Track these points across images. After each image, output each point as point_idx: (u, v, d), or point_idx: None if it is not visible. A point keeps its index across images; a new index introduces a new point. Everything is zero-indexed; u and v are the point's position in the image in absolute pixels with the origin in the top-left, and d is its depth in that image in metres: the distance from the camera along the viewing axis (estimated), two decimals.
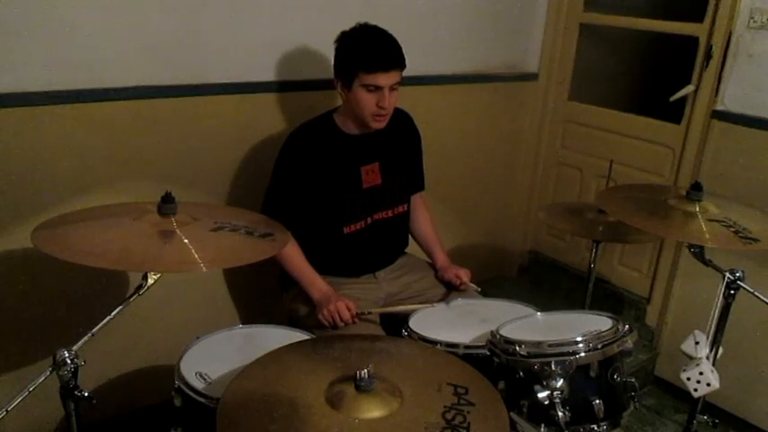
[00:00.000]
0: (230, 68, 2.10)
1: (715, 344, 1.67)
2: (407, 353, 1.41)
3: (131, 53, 1.91)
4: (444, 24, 2.64)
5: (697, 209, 1.73)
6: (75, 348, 1.22)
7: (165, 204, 1.39)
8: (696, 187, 1.75)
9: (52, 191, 1.86)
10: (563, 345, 1.41)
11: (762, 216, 1.79)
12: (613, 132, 2.91)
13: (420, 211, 2.22)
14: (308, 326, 1.89)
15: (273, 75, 2.21)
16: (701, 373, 1.58)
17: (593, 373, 1.44)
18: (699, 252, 1.68)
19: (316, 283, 1.90)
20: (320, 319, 1.84)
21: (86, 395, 1.24)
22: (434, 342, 1.63)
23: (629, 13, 2.92)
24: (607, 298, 2.92)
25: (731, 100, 2.46)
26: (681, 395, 2.60)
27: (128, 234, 1.36)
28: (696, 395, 1.61)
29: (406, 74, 1.86)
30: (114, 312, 1.29)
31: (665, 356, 2.78)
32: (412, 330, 1.71)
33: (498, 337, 1.50)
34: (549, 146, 3.19)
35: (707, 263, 1.68)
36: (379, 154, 2.01)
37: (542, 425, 1.42)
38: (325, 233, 1.98)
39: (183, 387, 1.45)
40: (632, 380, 1.50)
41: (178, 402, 1.46)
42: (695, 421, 1.87)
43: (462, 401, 1.17)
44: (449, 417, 1.12)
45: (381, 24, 1.91)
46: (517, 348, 1.43)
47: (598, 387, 1.45)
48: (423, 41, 2.59)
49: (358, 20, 1.97)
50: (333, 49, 1.89)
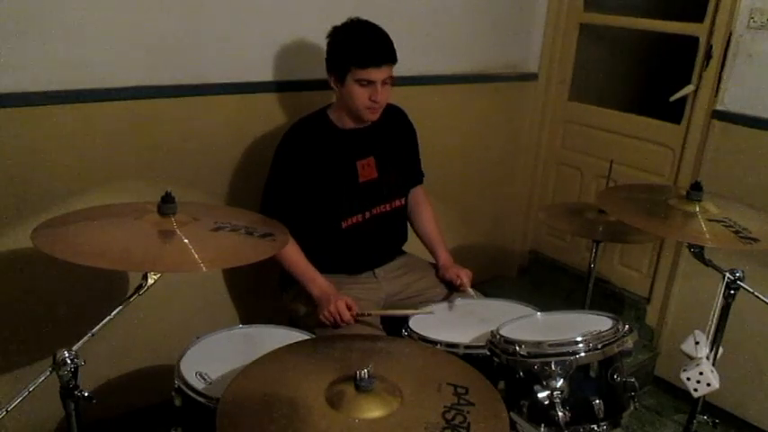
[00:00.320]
0: (230, 68, 2.10)
1: (715, 344, 1.67)
2: (407, 353, 1.41)
3: (131, 53, 1.91)
4: (444, 24, 2.64)
5: (697, 209, 1.72)
6: (75, 348, 1.22)
7: (165, 204, 1.40)
8: (696, 187, 1.75)
9: (52, 191, 1.86)
10: (563, 345, 1.41)
11: (762, 216, 1.79)
12: (613, 132, 2.91)
13: (422, 206, 2.22)
14: (308, 326, 1.89)
15: (273, 75, 2.21)
16: (700, 373, 1.58)
17: (593, 373, 1.44)
18: (699, 252, 1.68)
19: (316, 281, 1.90)
20: (321, 318, 1.84)
21: (86, 395, 1.24)
22: (434, 342, 1.63)
23: (629, 13, 2.92)
24: (607, 298, 2.92)
25: (731, 100, 2.45)
26: (681, 395, 2.60)
27: (128, 234, 1.37)
28: (696, 395, 1.61)
29: (406, 74, 1.87)
30: (114, 312, 1.29)
31: (665, 356, 2.78)
32: (412, 330, 1.71)
33: (498, 337, 1.50)
34: (549, 146, 3.19)
35: (707, 263, 1.68)
36: (374, 148, 2.03)
37: (542, 425, 1.42)
38: (324, 228, 1.99)
39: (183, 387, 1.45)
40: (632, 380, 1.50)
41: (178, 402, 1.46)
42: (695, 421, 1.87)
43: (462, 401, 1.17)
44: (449, 417, 1.12)
45: (382, 25, 1.91)
46: (517, 348, 1.43)
47: (598, 387, 1.45)
48: (423, 41, 2.59)
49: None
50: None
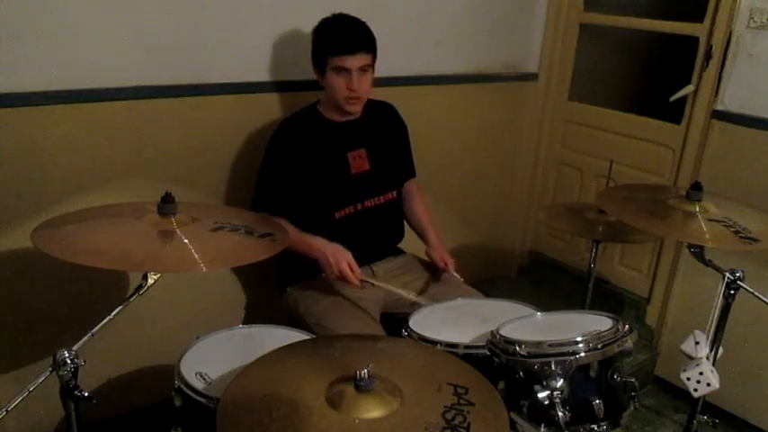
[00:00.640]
0: (230, 68, 2.11)
1: (715, 344, 1.67)
2: (407, 353, 1.41)
3: (131, 53, 1.91)
4: (444, 24, 2.64)
5: (697, 209, 1.72)
6: (75, 348, 1.22)
7: (165, 204, 1.40)
8: (696, 187, 1.75)
9: (52, 191, 1.86)
10: (563, 345, 1.41)
11: (762, 216, 1.79)
12: (613, 132, 2.91)
13: (414, 195, 2.26)
14: (308, 325, 1.90)
15: (273, 75, 2.21)
16: (700, 373, 1.58)
17: (593, 373, 1.44)
18: (699, 252, 1.67)
19: (314, 246, 1.89)
20: (332, 278, 1.86)
21: (86, 395, 1.24)
22: (434, 342, 1.63)
23: (629, 13, 2.92)
24: (607, 298, 2.92)
25: (731, 100, 2.45)
26: (681, 395, 2.60)
27: (128, 234, 1.37)
28: (696, 395, 1.61)
29: (406, 74, 1.87)
30: (114, 312, 1.29)
31: (665, 356, 2.78)
32: (412, 330, 1.71)
33: (498, 337, 1.50)
34: (549, 146, 3.19)
35: (707, 263, 1.68)
36: (365, 141, 2.05)
37: (542, 425, 1.41)
38: (317, 219, 2.00)
39: (183, 387, 1.45)
40: (632, 380, 1.50)
41: (178, 402, 1.46)
42: (695, 421, 1.86)
43: (462, 401, 1.17)
44: (449, 417, 1.12)
45: (382, 25, 1.91)
46: (517, 348, 1.43)
47: (598, 387, 1.45)
48: (423, 41, 2.59)
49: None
50: None
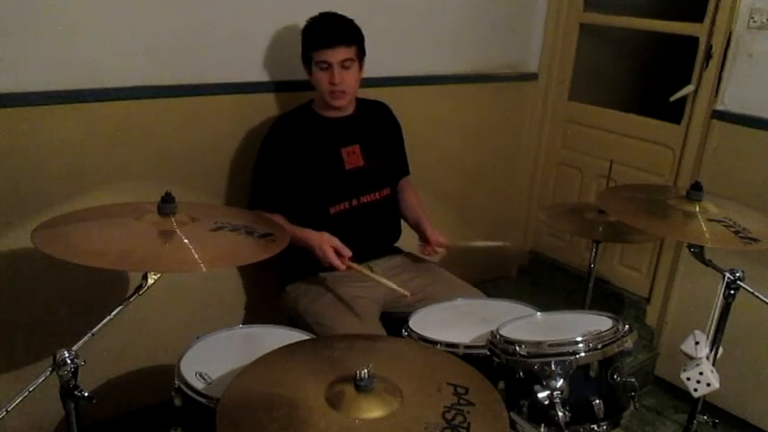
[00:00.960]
0: (230, 68, 2.11)
1: (715, 344, 1.67)
2: (407, 353, 1.41)
3: (131, 53, 1.91)
4: (444, 24, 2.64)
5: (697, 209, 1.72)
6: (75, 348, 1.22)
7: (165, 204, 1.39)
8: (696, 187, 1.75)
9: (52, 191, 1.86)
10: (563, 345, 1.41)
11: (762, 216, 1.79)
12: (613, 132, 2.91)
13: (407, 190, 2.27)
14: (308, 324, 1.90)
15: (272, 75, 2.21)
16: (700, 373, 1.58)
17: (593, 373, 1.44)
18: (699, 252, 1.68)
19: (303, 237, 1.90)
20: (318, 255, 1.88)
21: (86, 395, 1.24)
22: (434, 342, 1.63)
23: (629, 13, 2.92)
24: (607, 298, 2.92)
25: (731, 100, 2.45)
26: (681, 395, 2.60)
27: (128, 234, 1.36)
28: (696, 395, 1.61)
29: (406, 74, 1.86)
30: (114, 312, 1.29)
31: (665, 356, 2.78)
32: (412, 330, 1.71)
33: (498, 337, 1.50)
34: (549, 146, 3.19)
35: (707, 263, 1.68)
36: (359, 137, 2.07)
37: (542, 425, 1.42)
38: (312, 214, 2.01)
39: (183, 387, 1.45)
40: (632, 380, 1.50)
41: (178, 402, 1.46)
42: (695, 421, 1.86)
43: (462, 401, 1.17)
44: (449, 417, 1.12)
45: (381, 25, 1.92)
46: (517, 348, 1.43)
47: (598, 387, 1.45)
48: (423, 41, 2.59)
49: (358, 20, 1.97)
50: None
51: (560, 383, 1.39)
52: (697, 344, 1.61)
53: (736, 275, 1.62)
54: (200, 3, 2.00)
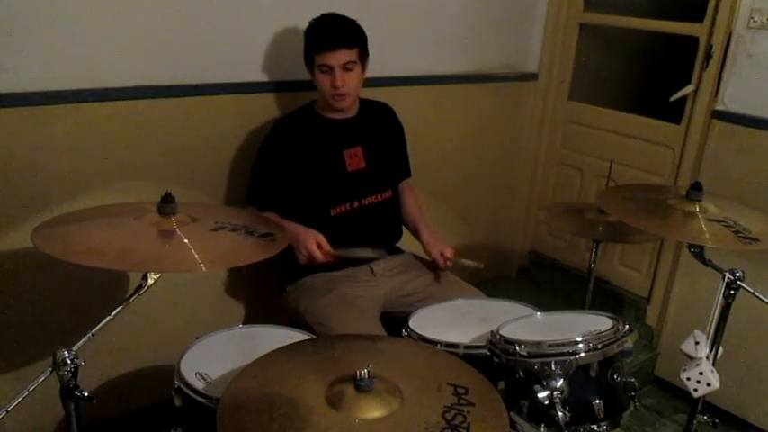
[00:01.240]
0: (229, 68, 2.11)
1: (715, 344, 1.67)
2: (407, 353, 1.41)
3: (131, 53, 1.91)
4: (444, 24, 2.64)
5: (697, 209, 1.72)
6: (75, 348, 1.22)
7: (165, 204, 1.39)
8: (696, 187, 1.75)
9: (52, 191, 1.86)
10: (563, 345, 1.41)
11: (762, 216, 1.79)
12: (613, 132, 2.91)
13: (407, 193, 2.27)
14: (308, 324, 1.90)
15: (272, 75, 2.21)
16: (700, 373, 1.58)
17: (593, 373, 1.44)
18: (699, 252, 1.67)
19: (288, 231, 1.84)
20: (301, 261, 1.88)
21: (86, 395, 1.24)
22: (434, 342, 1.63)
23: (629, 13, 2.92)
24: (607, 298, 2.92)
25: (731, 100, 2.46)
26: (681, 395, 2.60)
27: (128, 234, 1.36)
28: (696, 395, 1.61)
29: (406, 74, 1.86)
30: (114, 312, 1.29)
31: (665, 356, 2.78)
32: (412, 330, 1.71)
33: (498, 337, 1.50)
34: (549, 146, 3.19)
35: (707, 263, 1.68)
36: (361, 139, 2.06)
37: (542, 425, 1.42)
38: (312, 215, 2.01)
39: (183, 387, 1.45)
40: (632, 380, 1.50)
41: (178, 402, 1.46)
42: (695, 421, 1.86)
43: (462, 401, 1.17)
44: (449, 417, 1.12)
45: (381, 25, 1.92)
46: (517, 348, 1.43)
47: (598, 387, 1.45)
48: (423, 41, 2.59)
49: (358, 20, 1.97)
50: None
51: (560, 383, 1.39)
52: (697, 344, 1.60)
53: (736, 275, 1.62)
54: (200, 3, 2.00)
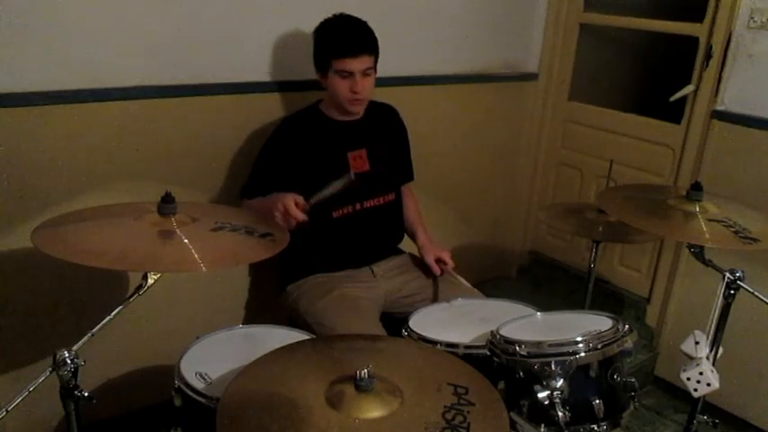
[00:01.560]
0: (229, 68, 2.10)
1: (715, 344, 1.67)
2: (407, 353, 1.41)
3: (131, 53, 1.91)
4: (444, 24, 2.64)
5: (697, 209, 1.73)
6: (75, 348, 1.22)
7: (165, 204, 1.40)
8: (696, 187, 1.75)
9: (52, 191, 1.86)
10: (563, 345, 1.41)
11: (762, 216, 1.79)
12: (613, 132, 2.90)
13: (407, 197, 2.27)
14: (308, 324, 1.90)
15: (273, 75, 2.21)
16: (700, 373, 1.58)
17: (593, 373, 1.44)
18: (699, 252, 1.68)
19: (267, 203, 1.85)
20: (279, 222, 1.77)
21: (86, 395, 1.24)
22: (434, 342, 1.63)
23: (629, 13, 2.92)
24: (607, 298, 2.92)
25: (731, 100, 2.45)
26: (681, 395, 2.60)
27: (128, 234, 1.36)
28: (696, 395, 1.61)
29: (406, 74, 1.86)
30: (114, 312, 1.29)
31: (665, 356, 2.78)
32: (412, 330, 1.71)
33: (498, 337, 1.50)
34: (549, 146, 3.19)
35: (707, 263, 1.68)
36: (366, 141, 2.05)
37: (542, 425, 1.42)
38: (314, 216, 1.98)
39: (183, 387, 1.45)
40: (632, 380, 1.50)
41: (178, 402, 1.46)
42: (695, 421, 1.86)
43: (462, 401, 1.17)
44: (449, 417, 1.12)
45: (382, 25, 1.91)
46: (517, 348, 1.43)
47: (598, 387, 1.45)
48: (423, 41, 2.59)
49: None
50: None
51: (560, 383, 1.39)
52: (697, 344, 1.60)
53: (736, 275, 1.62)
54: (200, 2, 1.99)
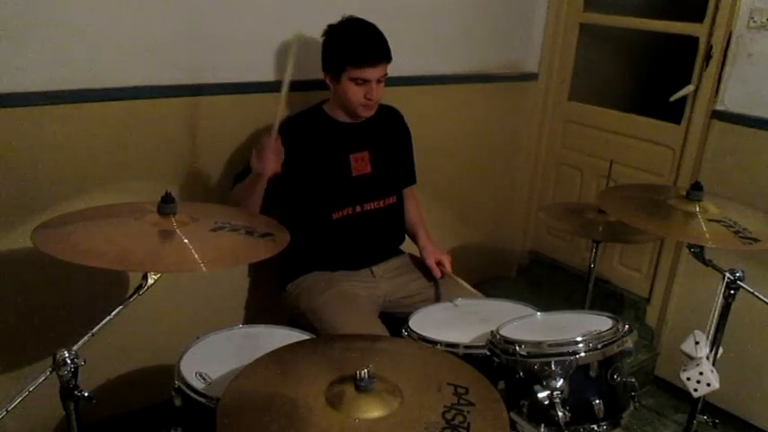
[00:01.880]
0: (230, 68, 2.10)
1: (715, 344, 1.67)
2: (407, 353, 1.41)
3: (131, 53, 1.91)
4: (444, 24, 2.64)
5: (697, 209, 1.73)
6: (75, 348, 1.22)
7: (165, 204, 1.40)
8: (696, 187, 1.75)
9: (52, 191, 1.86)
10: (563, 345, 1.41)
11: (762, 216, 1.79)
12: (613, 132, 2.91)
13: (409, 198, 2.26)
14: (309, 322, 1.90)
15: (273, 75, 2.20)
16: (700, 373, 1.58)
17: (593, 373, 1.44)
18: (699, 252, 1.68)
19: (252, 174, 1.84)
20: (255, 166, 1.78)
21: (86, 395, 1.24)
22: (434, 342, 1.63)
23: (629, 13, 2.92)
24: (607, 298, 2.92)
25: (731, 100, 2.45)
26: (681, 395, 2.60)
27: (128, 234, 1.37)
28: (696, 395, 1.61)
29: (406, 74, 1.87)
30: (114, 312, 1.29)
31: (665, 356, 2.78)
32: (412, 330, 1.71)
33: (498, 337, 1.50)
34: (549, 146, 3.19)
35: (707, 263, 1.68)
36: (369, 143, 2.05)
37: (542, 425, 1.42)
38: (314, 218, 2.00)
39: (183, 387, 1.45)
40: (632, 380, 1.50)
41: (178, 402, 1.46)
42: (695, 421, 1.86)
43: (462, 401, 1.17)
44: (449, 417, 1.12)
45: (382, 25, 1.91)
46: (517, 348, 1.43)
47: (598, 387, 1.45)
48: (423, 41, 2.59)
49: None
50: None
51: (560, 383, 1.39)
52: (697, 344, 1.61)
53: (736, 275, 1.62)
54: (200, 2, 1.99)
